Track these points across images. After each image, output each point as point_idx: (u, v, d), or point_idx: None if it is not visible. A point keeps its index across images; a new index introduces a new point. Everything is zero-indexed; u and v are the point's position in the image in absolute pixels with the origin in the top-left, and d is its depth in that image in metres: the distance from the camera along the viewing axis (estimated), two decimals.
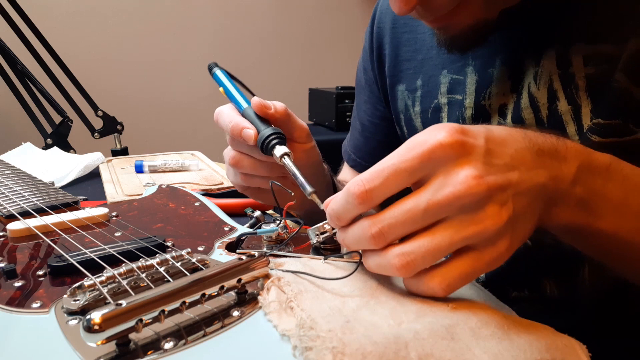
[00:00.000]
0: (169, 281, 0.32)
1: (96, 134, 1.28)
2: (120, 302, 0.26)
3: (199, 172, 0.95)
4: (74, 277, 0.36)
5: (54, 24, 1.85)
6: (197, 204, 0.55)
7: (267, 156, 0.46)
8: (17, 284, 0.35)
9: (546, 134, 0.35)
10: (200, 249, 0.42)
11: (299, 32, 2.44)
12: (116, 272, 0.32)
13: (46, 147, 1.20)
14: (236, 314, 0.30)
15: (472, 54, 0.54)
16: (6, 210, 0.51)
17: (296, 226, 0.43)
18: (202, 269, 0.34)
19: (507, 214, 0.29)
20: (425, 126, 0.60)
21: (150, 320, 0.27)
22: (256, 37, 2.34)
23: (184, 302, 0.28)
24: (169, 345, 0.27)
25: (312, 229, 0.38)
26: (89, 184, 0.93)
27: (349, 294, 0.32)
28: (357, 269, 0.34)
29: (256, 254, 0.34)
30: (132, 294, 0.30)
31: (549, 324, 0.29)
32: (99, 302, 0.31)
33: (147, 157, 1.09)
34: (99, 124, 1.28)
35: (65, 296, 0.32)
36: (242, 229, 0.47)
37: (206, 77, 0.58)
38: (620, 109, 0.44)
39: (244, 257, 0.33)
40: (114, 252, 0.38)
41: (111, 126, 1.29)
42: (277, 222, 0.43)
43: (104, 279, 0.32)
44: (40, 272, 0.37)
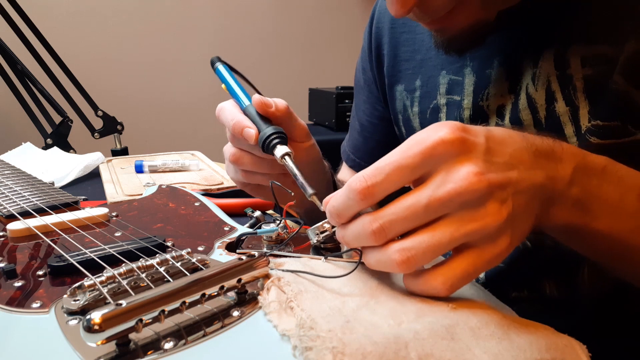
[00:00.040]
0: (169, 281, 0.32)
1: (96, 134, 1.28)
2: (120, 302, 0.26)
3: (199, 172, 0.95)
4: (74, 277, 0.36)
5: (54, 24, 1.85)
6: (197, 204, 0.55)
7: (268, 154, 0.46)
8: (17, 284, 0.35)
9: (543, 136, 0.35)
10: (200, 249, 0.42)
11: (299, 32, 2.44)
12: (116, 272, 0.32)
13: (46, 147, 1.20)
14: (236, 314, 0.30)
15: (470, 55, 0.54)
16: (6, 210, 0.51)
17: (296, 226, 0.43)
18: (202, 269, 0.34)
19: (507, 211, 0.30)
20: (423, 126, 0.60)
21: (150, 320, 0.27)
22: (256, 37, 2.34)
23: (184, 302, 0.28)
24: (169, 345, 0.27)
25: (312, 229, 0.38)
26: (89, 184, 0.93)
27: (349, 294, 0.32)
28: (357, 267, 0.34)
29: (256, 254, 0.34)
30: (132, 294, 0.30)
31: (549, 324, 0.29)
32: (99, 302, 0.31)
33: (147, 157, 1.09)
34: (99, 124, 1.28)
35: (65, 296, 0.32)
36: (242, 229, 0.47)
37: (206, 77, 0.58)
38: (618, 111, 0.44)
39: (244, 257, 0.33)
40: (114, 252, 0.38)
41: (111, 126, 1.29)
42: (277, 222, 0.43)
43: (104, 279, 0.32)
44: (40, 272, 0.37)
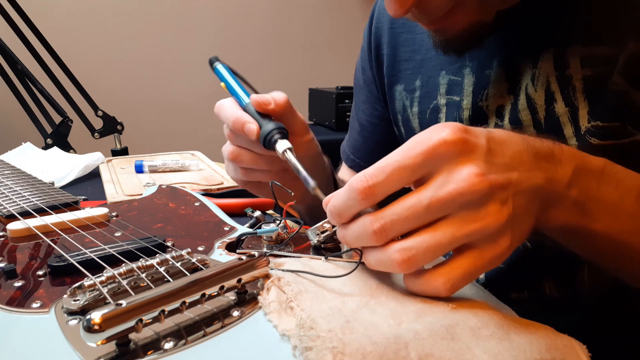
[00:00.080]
0: (169, 281, 0.32)
1: (96, 134, 1.28)
2: (120, 302, 0.26)
3: (199, 172, 0.95)
4: (74, 277, 0.36)
5: (54, 24, 1.85)
6: (197, 204, 0.55)
7: (268, 150, 0.46)
8: (17, 284, 0.35)
9: (543, 138, 0.35)
10: (200, 249, 0.42)
11: (299, 32, 2.44)
12: (116, 272, 0.32)
13: (46, 147, 1.20)
14: (236, 314, 0.30)
15: (470, 56, 0.54)
16: (6, 210, 0.51)
17: (296, 226, 0.43)
18: (202, 269, 0.34)
19: (507, 212, 0.30)
20: (422, 127, 0.60)
21: (150, 320, 0.27)
22: (256, 37, 2.34)
23: (184, 302, 0.28)
24: (169, 345, 0.27)
25: (312, 229, 0.38)
26: (89, 184, 0.93)
27: (349, 294, 0.32)
28: (357, 267, 0.34)
29: (256, 254, 0.34)
30: (132, 294, 0.30)
31: (549, 324, 0.29)
32: (99, 302, 0.31)
33: (147, 157, 1.09)
34: (99, 124, 1.28)
35: (65, 296, 0.32)
36: (242, 229, 0.47)
37: (206, 77, 0.58)
38: (618, 111, 0.44)
39: (244, 257, 0.33)
40: (114, 252, 0.38)
41: (111, 126, 1.29)
42: (277, 222, 0.43)
43: (104, 279, 0.32)
44: (40, 272, 0.37)
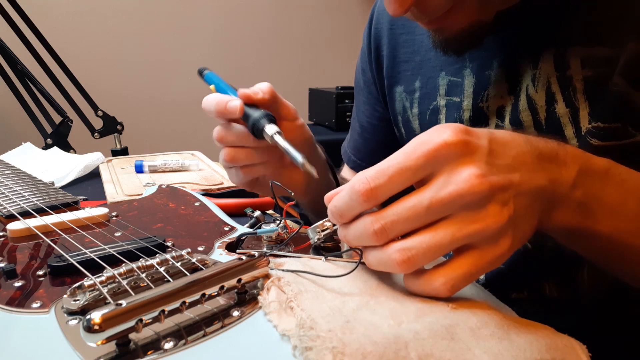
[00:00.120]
0: (169, 281, 0.32)
1: (96, 134, 1.28)
2: (120, 302, 0.26)
3: (199, 172, 0.95)
4: (74, 277, 0.36)
5: (54, 24, 1.85)
6: (197, 204, 0.55)
7: (261, 141, 0.46)
8: (17, 284, 0.35)
9: (547, 139, 0.35)
10: (200, 249, 0.42)
11: (299, 32, 2.44)
12: (116, 272, 0.32)
13: (46, 147, 1.20)
14: (236, 314, 0.30)
15: (470, 56, 0.54)
16: (6, 210, 0.51)
17: (296, 226, 0.43)
18: (202, 269, 0.34)
19: (508, 213, 0.30)
20: (423, 128, 0.60)
21: (150, 320, 0.27)
22: (256, 37, 2.34)
23: (184, 302, 0.28)
24: (169, 345, 0.27)
25: (312, 228, 0.38)
26: (89, 184, 0.93)
27: (349, 294, 0.32)
28: (357, 267, 0.34)
29: (256, 254, 0.34)
30: (132, 294, 0.30)
31: (549, 324, 0.29)
32: (99, 302, 0.31)
33: (147, 157, 1.09)
34: (99, 124, 1.28)
35: (65, 296, 0.32)
36: (242, 229, 0.47)
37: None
38: (618, 112, 0.43)
39: (244, 257, 0.33)
40: (114, 252, 0.38)
41: (111, 126, 1.29)
42: (277, 222, 0.43)
43: (104, 279, 0.32)
44: (40, 272, 0.37)
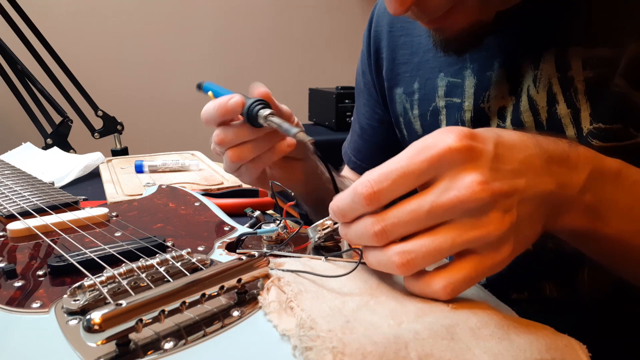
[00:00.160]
0: (169, 281, 0.32)
1: (96, 134, 1.28)
2: (120, 302, 0.26)
3: (199, 172, 0.95)
4: (74, 277, 0.36)
5: (54, 24, 1.85)
6: (197, 204, 0.55)
7: (259, 131, 0.46)
8: (17, 284, 0.35)
9: (558, 140, 0.34)
10: (200, 249, 0.42)
11: (299, 32, 2.44)
12: (116, 272, 0.32)
13: (46, 147, 1.20)
14: (236, 314, 0.30)
15: (470, 57, 0.54)
16: (6, 210, 0.51)
17: (296, 226, 0.43)
18: (202, 269, 0.34)
19: (510, 220, 0.29)
20: (425, 129, 0.60)
21: (150, 320, 0.27)
22: (256, 37, 2.34)
23: (184, 302, 0.28)
24: (169, 345, 0.27)
25: (312, 227, 0.38)
26: (89, 184, 0.93)
27: (349, 294, 0.32)
28: (357, 267, 0.34)
29: (256, 254, 0.34)
30: (132, 294, 0.30)
31: (549, 324, 0.29)
32: (99, 302, 0.31)
33: (147, 157, 1.09)
34: (99, 124, 1.28)
35: (65, 296, 0.32)
36: (242, 229, 0.47)
37: (206, 77, 0.58)
38: (620, 113, 0.43)
39: (244, 257, 0.33)
40: (114, 252, 0.38)
41: (111, 126, 1.29)
42: (277, 222, 0.43)
43: (104, 279, 0.32)
44: (40, 272, 0.37)
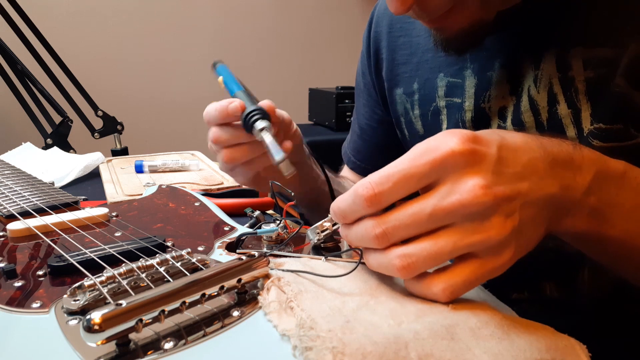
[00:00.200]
0: (169, 281, 0.32)
1: (96, 134, 1.28)
2: (120, 302, 0.26)
3: (199, 172, 0.95)
4: (74, 277, 0.36)
5: (54, 24, 1.85)
6: (197, 204, 0.55)
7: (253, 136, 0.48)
8: (17, 284, 0.35)
9: (562, 142, 0.34)
10: (200, 249, 0.42)
11: (299, 32, 2.44)
12: (116, 272, 0.32)
13: (46, 147, 1.20)
14: (236, 314, 0.30)
15: (470, 57, 0.54)
16: (6, 210, 0.51)
17: (296, 226, 0.43)
18: (202, 269, 0.34)
19: (512, 225, 0.29)
20: (426, 129, 0.60)
21: (150, 320, 0.27)
22: (256, 37, 2.34)
23: (184, 302, 0.28)
24: (169, 345, 0.27)
25: (312, 228, 0.38)
26: (89, 184, 0.93)
27: (349, 294, 0.32)
28: (357, 267, 0.34)
29: (256, 254, 0.34)
30: (132, 294, 0.30)
31: (549, 324, 0.29)
32: (99, 302, 0.31)
33: (147, 157, 1.09)
34: (99, 124, 1.28)
35: (65, 296, 0.32)
36: (242, 229, 0.47)
37: (206, 77, 0.58)
38: (620, 113, 0.43)
39: (244, 257, 0.33)
40: (114, 252, 0.38)
41: (111, 126, 1.29)
42: (277, 222, 0.43)
43: (104, 279, 0.32)
44: (40, 272, 0.37)
